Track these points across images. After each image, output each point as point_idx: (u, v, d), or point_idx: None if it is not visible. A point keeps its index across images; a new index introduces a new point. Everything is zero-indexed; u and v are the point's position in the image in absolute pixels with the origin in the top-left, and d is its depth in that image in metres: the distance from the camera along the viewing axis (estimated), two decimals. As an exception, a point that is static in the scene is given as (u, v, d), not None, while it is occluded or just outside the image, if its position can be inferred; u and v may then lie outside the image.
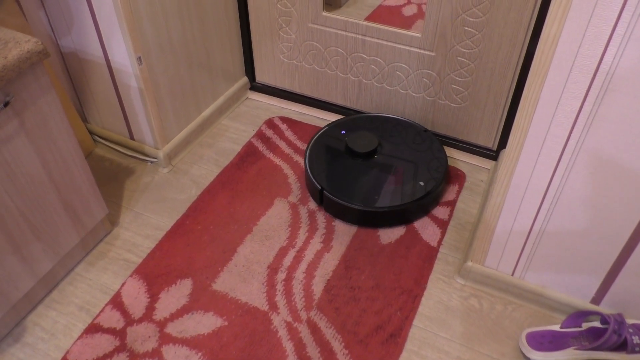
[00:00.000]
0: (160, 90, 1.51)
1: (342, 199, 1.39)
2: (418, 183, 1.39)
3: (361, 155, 1.49)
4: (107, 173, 1.62)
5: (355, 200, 1.38)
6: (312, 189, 1.48)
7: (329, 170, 1.45)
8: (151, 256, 1.37)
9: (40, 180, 1.15)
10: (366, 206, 1.37)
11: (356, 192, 1.40)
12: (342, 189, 1.41)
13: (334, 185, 1.42)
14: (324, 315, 1.23)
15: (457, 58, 1.43)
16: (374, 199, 1.38)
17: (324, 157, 1.49)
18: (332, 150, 1.51)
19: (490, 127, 1.53)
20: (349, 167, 1.47)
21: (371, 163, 1.48)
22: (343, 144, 1.52)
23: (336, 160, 1.49)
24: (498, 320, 1.21)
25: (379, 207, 1.37)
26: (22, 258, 1.17)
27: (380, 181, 1.43)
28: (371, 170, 1.45)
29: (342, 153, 1.51)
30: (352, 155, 1.50)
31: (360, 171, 1.45)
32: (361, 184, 1.42)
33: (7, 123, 1.04)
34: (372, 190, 1.40)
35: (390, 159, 1.49)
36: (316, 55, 1.67)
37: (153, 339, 1.20)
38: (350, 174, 1.45)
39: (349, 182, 1.43)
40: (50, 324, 1.24)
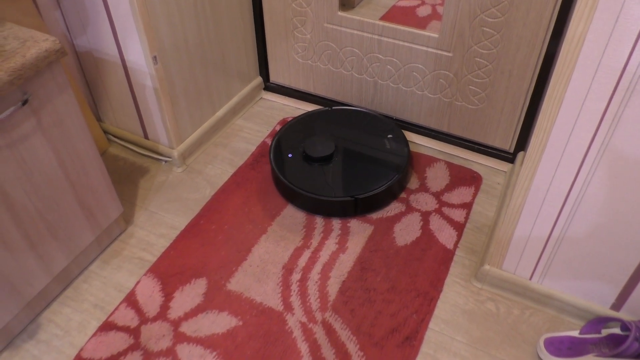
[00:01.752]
0: (175, 89, 1.50)
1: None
2: (387, 136, 1.47)
3: (319, 160, 1.50)
4: (121, 172, 1.62)
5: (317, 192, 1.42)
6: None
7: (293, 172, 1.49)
8: (166, 255, 1.37)
9: (57, 178, 1.16)
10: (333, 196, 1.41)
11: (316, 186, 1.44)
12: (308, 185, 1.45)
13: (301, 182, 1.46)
14: (339, 316, 1.22)
15: (474, 59, 1.42)
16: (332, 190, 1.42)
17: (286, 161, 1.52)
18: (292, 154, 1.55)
19: (507, 129, 1.51)
20: (310, 170, 1.50)
21: (331, 165, 1.50)
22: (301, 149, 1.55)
23: (296, 164, 1.51)
24: (515, 325, 1.19)
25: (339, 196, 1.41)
26: (38, 255, 1.17)
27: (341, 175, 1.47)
28: (332, 170, 1.49)
29: (302, 159, 1.53)
30: (311, 160, 1.51)
31: (321, 172, 1.49)
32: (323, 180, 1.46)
33: (24, 121, 1.04)
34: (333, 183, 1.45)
35: (349, 157, 1.52)
36: (331, 56, 1.66)
37: (167, 338, 1.20)
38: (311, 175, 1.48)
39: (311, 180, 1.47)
40: (65, 321, 1.24)
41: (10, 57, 0.98)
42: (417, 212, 1.45)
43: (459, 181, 1.53)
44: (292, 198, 1.47)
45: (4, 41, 1.03)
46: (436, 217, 1.43)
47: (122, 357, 1.16)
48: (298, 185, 1.43)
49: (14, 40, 1.03)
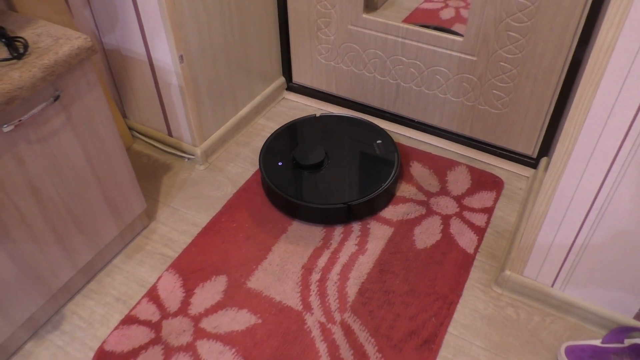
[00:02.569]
0: (200, 88, 1.52)
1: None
2: (375, 142, 1.47)
3: (309, 167, 1.50)
4: (145, 168, 1.64)
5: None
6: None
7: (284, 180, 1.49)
8: (187, 251, 1.39)
9: (84, 173, 1.18)
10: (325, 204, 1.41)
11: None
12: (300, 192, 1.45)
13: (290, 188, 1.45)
14: (357, 317, 1.23)
15: (499, 63, 1.41)
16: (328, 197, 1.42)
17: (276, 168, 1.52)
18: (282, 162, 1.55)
19: (531, 134, 1.50)
20: (301, 177, 1.50)
21: (322, 173, 1.50)
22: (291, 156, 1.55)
23: (287, 171, 1.51)
24: (535, 332, 1.18)
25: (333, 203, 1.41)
26: (64, 248, 1.20)
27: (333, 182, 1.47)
28: (323, 178, 1.48)
29: (292, 166, 1.53)
30: (301, 167, 1.51)
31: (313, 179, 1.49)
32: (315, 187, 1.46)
33: (55, 117, 1.07)
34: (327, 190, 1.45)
35: (339, 165, 1.52)
36: (354, 57, 1.66)
37: (188, 333, 1.21)
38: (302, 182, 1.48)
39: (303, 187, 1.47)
40: (88, 313, 1.27)
41: (43, 54, 1.01)
42: (438, 215, 1.45)
43: (480, 185, 1.53)
44: (280, 205, 1.48)
45: (38, 38, 1.05)
46: (457, 221, 1.43)
47: (144, 351, 1.18)
48: (288, 193, 1.43)
49: (47, 38, 1.05)
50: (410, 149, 1.65)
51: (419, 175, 1.57)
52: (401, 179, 1.55)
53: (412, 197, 1.50)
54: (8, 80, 0.95)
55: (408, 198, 1.50)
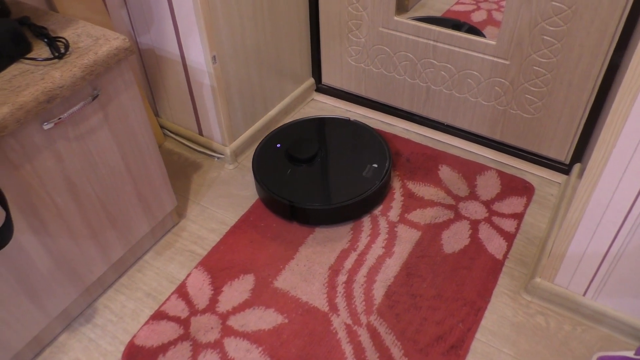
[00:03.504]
0: (231, 89, 1.54)
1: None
2: (372, 165, 1.48)
3: (303, 161, 1.52)
4: (175, 167, 1.67)
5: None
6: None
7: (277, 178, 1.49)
8: (216, 249, 1.41)
9: (119, 171, 1.21)
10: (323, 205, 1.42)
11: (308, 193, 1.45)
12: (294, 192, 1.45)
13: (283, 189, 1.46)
14: (384, 320, 1.23)
15: (532, 67, 1.39)
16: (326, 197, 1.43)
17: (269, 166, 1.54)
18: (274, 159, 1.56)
19: (563, 139, 1.48)
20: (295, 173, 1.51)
21: (314, 166, 1.51)
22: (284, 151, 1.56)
23: (281, 167, 1.53)
24: (566, 341, 1.16)
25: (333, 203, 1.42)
26: (98, 243, 1.23)
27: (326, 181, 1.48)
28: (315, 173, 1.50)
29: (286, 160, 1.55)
30: (295, 161, 1.53)
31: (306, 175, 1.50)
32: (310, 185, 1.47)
33: (93, 115, 1.10)
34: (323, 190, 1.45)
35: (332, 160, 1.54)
36: (385, 60, 1.66)
37: (215, 331, 1.23)
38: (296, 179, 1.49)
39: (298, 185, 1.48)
40: (119, 307, 1.30)
41: (83, 54, 1.04)
42: (466, 220, 1.44)
43: (510, 191, 1.51)
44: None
45: (78, 38, 1.08)
46: (485, 226, 1.42)
47: (172, 346, 1.21)
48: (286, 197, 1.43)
49: (87, 38, 1.08)
50: (438, 152, 1.64)
51: (447, 179, 1.56)
52: (429, 182, 1.55)
53: (440, 201, 1.49)
54: (49, 79, 0.98)
55: (436, 202, 1.49)
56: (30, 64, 1.01)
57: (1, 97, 0.93)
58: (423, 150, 1.65)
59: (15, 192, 1.00)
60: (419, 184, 1.55)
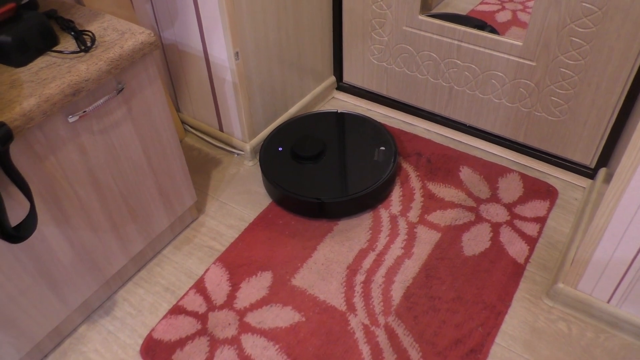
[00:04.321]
0: (253, 85, 1.54)
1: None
2: (379, 148, 1.52)
3: (309, 158, 1.52)
4: (195, 162, 1.68)
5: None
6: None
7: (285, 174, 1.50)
8: (234, 246, 1.41)
9: (141, 165, 1.21)
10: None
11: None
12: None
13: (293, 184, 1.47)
14: (402, 322, 1.22)
15: (559, 69, 1.37)
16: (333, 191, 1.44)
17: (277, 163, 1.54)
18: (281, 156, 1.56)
19: (589, 143, 1.45)
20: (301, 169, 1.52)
21: (321, 163, 1.52)
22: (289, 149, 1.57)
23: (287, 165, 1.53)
24: (588, 348, 1.14)
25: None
26: (119, 237, 1.24)
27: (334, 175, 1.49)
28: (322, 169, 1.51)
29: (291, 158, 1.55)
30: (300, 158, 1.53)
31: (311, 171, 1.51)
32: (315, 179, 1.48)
33: (116, 109, 1.10)
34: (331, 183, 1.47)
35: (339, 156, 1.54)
36: (407, 59, 1.65)
37: (233, 327, 1.23)
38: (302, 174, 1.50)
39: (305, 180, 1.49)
40: (138, 301, 1.30)
41: (109, 48, 1.04)
42: (487, 222, 1.42)
43: (533, 194, 1.49)
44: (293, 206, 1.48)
45: (104, 32, 1.09)
46: (507, 229, 1.40)
47: (190, 341, 1.21)
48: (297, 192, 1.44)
49: (113, 32, 1.09)
50: (460, 153, 1.62)
51: (468, 180, 1.54)
52: (450, 183, 1.53)
53: (461, 203, 1.47)
54: (76, 72, 0.98)
55: (457, 204, 1.47)
56: (57, 57, 1.02)
57: (28, 89, 0.94)
58: (444, 151, 1.64)
59: (40, 183, 1.01)
60: (439, 185, 1.53)
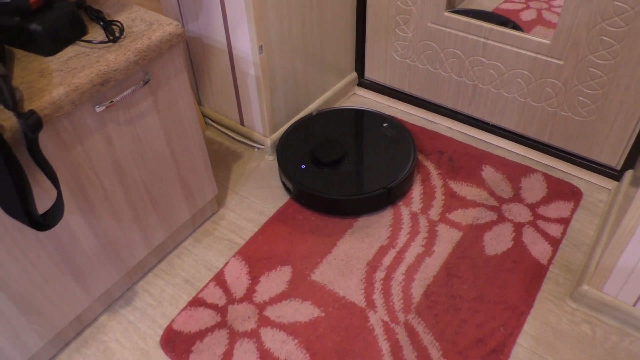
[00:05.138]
0: (275, 79, 1.54)
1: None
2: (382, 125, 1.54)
3: (329, 164, 1.51)
4: (216, 155, 1.68)
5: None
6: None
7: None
8: (254, 239, 1.41)
9: (164, 156, 1.22)
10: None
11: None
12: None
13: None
14: (422, 320, 1.21)
15: (588, 69, 1.34)
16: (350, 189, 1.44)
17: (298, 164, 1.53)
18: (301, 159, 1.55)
19: (616, 144, 1.43)
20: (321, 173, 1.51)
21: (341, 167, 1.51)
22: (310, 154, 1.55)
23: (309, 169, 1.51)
24: (612, 352, 1.12)
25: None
26: (141, 228, 1.24)
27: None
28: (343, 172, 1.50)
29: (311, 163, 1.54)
30: (324, 165, 1.51)
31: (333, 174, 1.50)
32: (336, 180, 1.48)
33: (143, 100, 1.11)
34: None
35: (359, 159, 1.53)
36: (431, 56, 1.63)
37: (252, 320, 1.23)
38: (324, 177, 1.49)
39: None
40: (159, 292, 1.31)
41: (137, 39, 1.04)
42: (510, 222, 1.40)
43: (556, 195, 1.47)
44: (323, 206, 1.46)
45: (132, 23, 1.09)
46: (530, 230, 1.38)
47: (210, 333, 1.21)
48: (324, 191, 1.43)
49: (141, 23, 1.09)
50: (482, 152, 1.61)
51: (491, 180, 1.52)
52: (472, 182, 1.52)
53: (483, 202, 1.46)
54: (104, 62, 0.99)
55: (479, 202, 1.46)
56: (86, 47, 1.03)
57: (57, 78, 0.95)
58: (466, 149, 1.62)
59: (67, 172, 1.02)
60: (461, 183, 1.52)
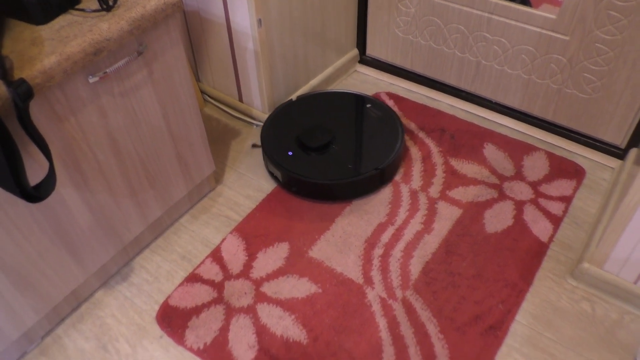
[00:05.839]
0: (275, 55, 1.51)
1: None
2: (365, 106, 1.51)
3: (321, 148, 1.47)
4: (214, 132, 1.66)
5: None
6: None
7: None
8: (251, 216, 1.40)
9: (160, 130, 1.20)
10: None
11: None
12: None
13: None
14: (420, 296, 1.20)
15: (594, 44, 1.31)
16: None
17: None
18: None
19: (621, 122, 1.40)
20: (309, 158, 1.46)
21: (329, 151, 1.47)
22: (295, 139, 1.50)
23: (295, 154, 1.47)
24: (612, 330, 1.11)
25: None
26: (137, 203, 1.23)
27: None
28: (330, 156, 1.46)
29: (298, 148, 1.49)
30: (312, 150, 1.47)
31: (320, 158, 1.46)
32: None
33: (137, 72, 1.08)
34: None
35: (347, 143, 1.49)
36: (434, 32, 1.60)
37: (249, 296, 1.22)
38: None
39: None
40: (155, 268, 1.30)
41: (131, 8, 1.02)
42: (511, 200, 1.38)
43: (559, 173, 1.44)
44: (313, 192, 1.43)
45: (126, -8, 1.06)
46: (531, 208, 1.36)
47: (206, 309, 1.21)
48: (315, 177, 1.39)
49: (135, -8, 1.06)
50: (485, 130, 1.58)
51: (492, 158, 1.50)
52: (474, 160, 1.49)
53: (484, 180, 1.44)
54: (97, 31, 0.96)
55: (480, 180, 1.44)
56: (78, 15, 1.00)
57: (49, 46, 0.93)
58: (468, 127, 1.60)
59: (59, 145, 1.00)
60: (462, 161, 1.50)
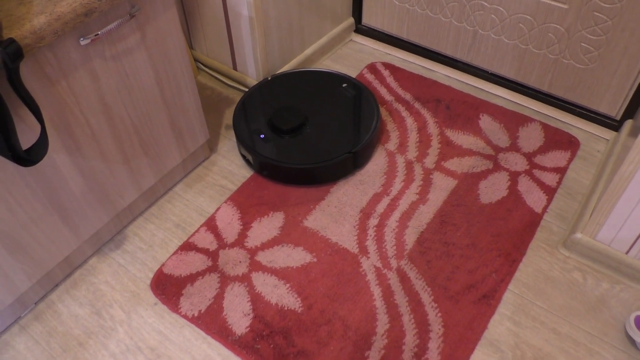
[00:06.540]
0: (269, 21, 1.48)
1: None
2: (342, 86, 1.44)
3: (289, 131, 1.41)
4: (208, 101, 1.64)
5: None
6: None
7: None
8: (246, 185, 1.39)
9: (154, 96, 1.18)
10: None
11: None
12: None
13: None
14: (414, 266, 1.20)
15: (592, 13, 1.30)
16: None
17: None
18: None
19: (617, 93, 1.39)
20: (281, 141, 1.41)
21: (302, 133, 1.42)
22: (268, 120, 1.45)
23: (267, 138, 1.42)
24: (603, 299, 1.13)
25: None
26: (130, 170, 1.21)
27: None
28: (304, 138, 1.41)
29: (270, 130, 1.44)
30: (284, 132, 1.42)
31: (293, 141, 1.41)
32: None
33: (130, 35, 1.06)
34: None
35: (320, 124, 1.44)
36: (431, 0, 1.57)
37: (243, 265, 1.22)
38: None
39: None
40: (149, 236, 1.30)
41: (123, -32, 0.99)
42: (505, 171, 1.38)
43: (554, 144, 1.44)
44: (283, 176, 1.38)
45: (117, -48, 1.03)
46: (525, 179, 1.36)
47: (200, 277, 1.21)
48: (286, 160, 1.35)
49: (127, -48, 1.03)
50: (480, 101, 1.57)
51: (488, 129, 1.50)
52: (469, 131, 1.49)
53: (479, 151, 1.44)
54: (88, -9, 0.94)
55: (475, 151, 1.44)
56: (68, -25, 0.97)
57: (38, 6, 0.90)
58: (464, 98, 1.59)
59: (51, 108, 0.98)
60: (457, 132, 1.49)
